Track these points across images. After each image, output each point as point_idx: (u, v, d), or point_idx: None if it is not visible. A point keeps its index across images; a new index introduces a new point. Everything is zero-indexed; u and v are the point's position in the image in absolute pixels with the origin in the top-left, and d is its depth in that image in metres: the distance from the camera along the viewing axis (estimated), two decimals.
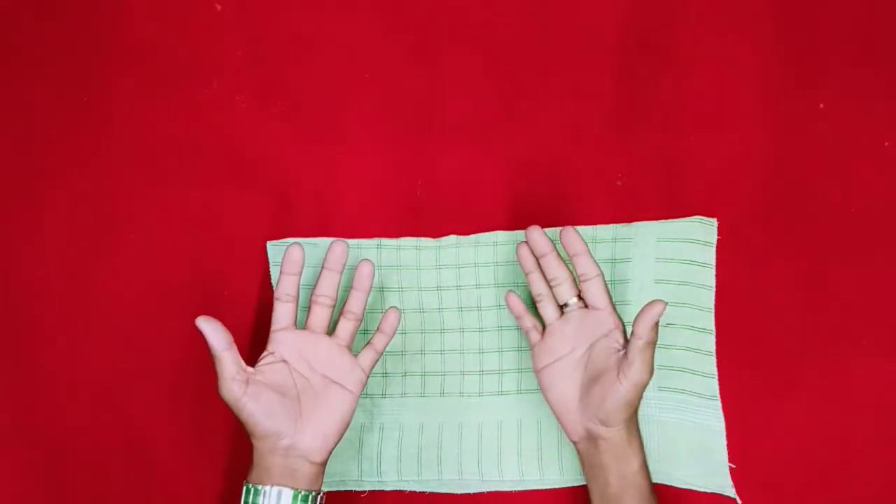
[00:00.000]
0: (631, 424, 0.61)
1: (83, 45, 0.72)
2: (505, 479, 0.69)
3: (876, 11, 0.69)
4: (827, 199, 0.68)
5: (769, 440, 0.67)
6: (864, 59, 0.69)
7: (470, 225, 0.71)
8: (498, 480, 0.69)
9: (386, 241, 0.71)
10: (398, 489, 0.69)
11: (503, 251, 0.70)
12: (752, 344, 0.68)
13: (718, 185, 0.69)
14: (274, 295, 0.64)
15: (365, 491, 0.70)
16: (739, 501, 0.66)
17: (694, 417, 0.67)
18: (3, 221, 0.70)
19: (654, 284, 0.69)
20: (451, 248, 0.71)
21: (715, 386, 0.67)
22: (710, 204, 0.69)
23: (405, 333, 0.71)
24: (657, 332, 0.59)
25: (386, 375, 0.71)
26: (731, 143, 0.69)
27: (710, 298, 0.68)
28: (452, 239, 0.71)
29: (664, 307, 0.59)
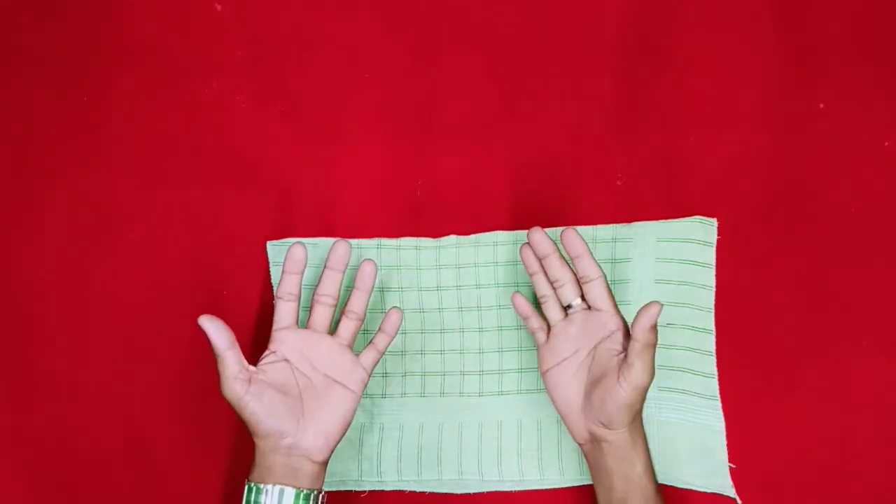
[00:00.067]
0: (634, 427, 0.61)
1: (83, 45, 0.72)
2: (505, 479, 0.69)
3: (876, 11, 0.69)
4: (827, 199, 0.68)
5: (769, 440, 0.67)
6: (864, 59, 0.69)
7: (470, 225, 0.71)
8: (498, 480, 0.69)
9: (386, 241, 0.71)
10: (398, 489, 0.69)
11: (503, 251, 0.70)
12: (752, 344, 0.68)
13: (718, 185, 0.69)
14: (276, 294, 0.64)
15: (365, 491, 0.70)
16: (739, 501, 0.66)
17: (694, 417, 0.67)
18: (3, 221, 0.70)
19: (654, 284, 0.69)
20: (451, 248, 0.71)
21: (715, 386, 0.67)
22: (710, 204, 0.69)
23: (405, 333, 0.71)
24: (656, 333, 0.59)
25: (386, 375, 0.71)
26: (731, 143, 0.70)
27: (710, 298, 0.68)
28: (452, 239, 0.71)
29: (660, 308, 0.58)
